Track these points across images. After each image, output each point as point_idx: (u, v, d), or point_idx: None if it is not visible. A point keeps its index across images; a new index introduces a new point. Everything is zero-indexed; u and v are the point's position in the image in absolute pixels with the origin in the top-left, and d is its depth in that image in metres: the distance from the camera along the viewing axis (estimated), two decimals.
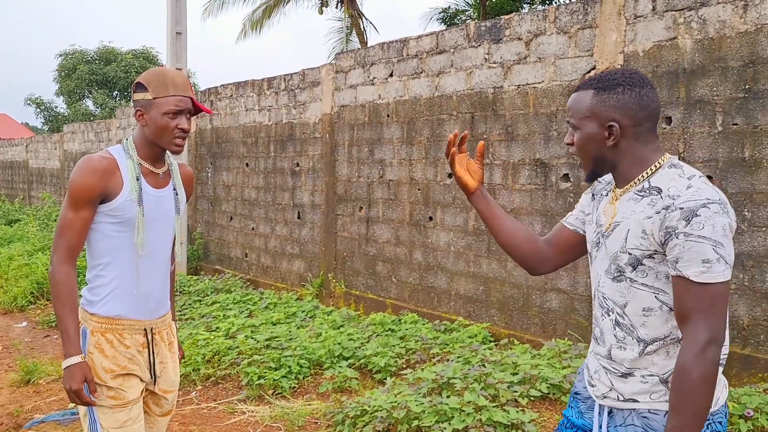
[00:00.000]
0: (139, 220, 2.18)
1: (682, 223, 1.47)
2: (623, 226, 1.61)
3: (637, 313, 1.60)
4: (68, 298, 2.11)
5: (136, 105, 2.20)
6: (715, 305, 1.48)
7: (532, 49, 5.14)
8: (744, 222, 4.04)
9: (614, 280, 1.64)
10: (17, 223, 13.47)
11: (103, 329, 2.20)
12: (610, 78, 1.62)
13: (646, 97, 1.60)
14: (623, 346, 1.63)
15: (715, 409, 1.58)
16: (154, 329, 2.30)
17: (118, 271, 2.20)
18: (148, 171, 2.24)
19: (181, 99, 2.18)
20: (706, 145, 4.19)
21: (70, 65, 27.08)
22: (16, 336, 6.51)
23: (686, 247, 1.47)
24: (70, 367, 2.09)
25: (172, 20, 8.95)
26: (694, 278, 1.47)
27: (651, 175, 1.61)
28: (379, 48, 6.53)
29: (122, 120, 12.45)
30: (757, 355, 3.98)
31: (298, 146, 7.73)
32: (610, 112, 1.60)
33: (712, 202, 1.48)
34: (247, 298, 7.23)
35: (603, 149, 1.63)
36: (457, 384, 3.88)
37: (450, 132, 5.77)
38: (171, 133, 2.17)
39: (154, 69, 2.24)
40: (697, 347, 1.46)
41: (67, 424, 4.17)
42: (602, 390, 1.69)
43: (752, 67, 3.97)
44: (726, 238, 1.47)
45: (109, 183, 2.13)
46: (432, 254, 6.01)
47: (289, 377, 4.72)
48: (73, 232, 2.13)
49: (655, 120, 1.63)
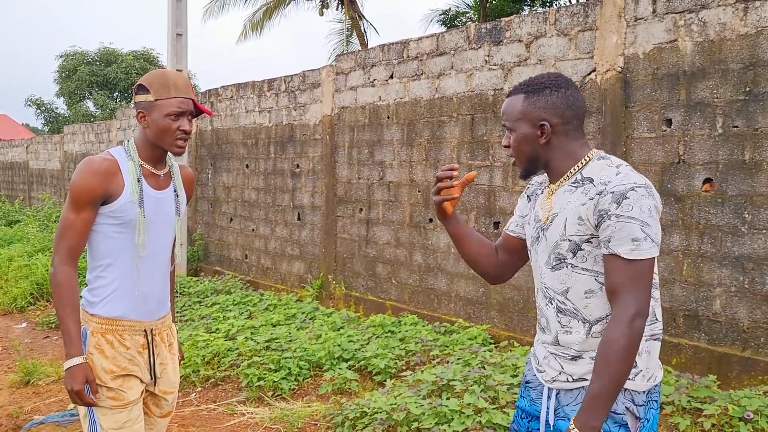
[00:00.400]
0: (139, 222, 2.18)
1: (614, 206, 1.60)
2: (561, 216, 1.72)
3: (579, 296, 1.71)
4: (70, 300, 2.12)
5: (137, 107, 2.21)
6: (643, 280, 1.60)
7: (532, 51, 5.15)
8: (744, 224, 4.04)
9: (553, 269, 1.75)
10: (17, 224, 13.47)
11: (103, 330, 2.21)
12: (538, 82, 1.76)
13: (571, 97, 1.73)
14: (569, 330, 1.74)
15: (653, 386, 1.70)
16: (155, 330, 2.31)
17: (119, 272, 2.21)
18: (149, 173, 2.24)
19: (183, 101, 2.18)
20: (706, 148, 4.19)
21: (70, 66, 27.10)
22: (16, 337, 6.51)
23: (617, 227, 1.60)
24: (71, 368, 2.10)
25: (173, 21, 8.96)
26: (625, 255, 1.59)
27: (582, 168, 1.73)
28: (380, 50, 6.53)
29: (123, 121, 12.45)
30: (757, 358, 3.98)
31: (299, 148, 7.73)
32: (540, 113, 1.73)
33: (639, 186, 1.61)
34: (247, 300, 7.23)
35: (536, 147, 1.75)
36: (457, 386, 3.88)
37: (450, 134, 5.78)
38: (173, 135, 2.18)
39: (155, 71, 2.25)
40: (626, 318, 1.58)
41: (67, 425, 4.16)
42: (552, 374, 1.78)
43: (752, 70, 3.97)
44: (652, 218, 1.61)
45: (110, 185, 2.14)
46: (432, 256, 6.01)
47: (288, 379, 4.71)
48: (75, 234, 2.13)
49: (581, 118, 1.76)
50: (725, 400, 3.63)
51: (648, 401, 1.68)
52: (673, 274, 4.36)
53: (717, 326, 4.17)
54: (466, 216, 5.68)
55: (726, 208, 4.11)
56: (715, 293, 4.17)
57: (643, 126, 4.49)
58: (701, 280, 4.23)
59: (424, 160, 6.05)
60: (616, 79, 4.59)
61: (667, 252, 4.38)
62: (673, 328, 4.37)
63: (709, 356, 4.18)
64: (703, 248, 4.22)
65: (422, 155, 6.07)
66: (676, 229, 4.34)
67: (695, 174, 4.25)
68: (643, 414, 1.67)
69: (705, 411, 3.57)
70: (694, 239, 4.26)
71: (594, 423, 1.59)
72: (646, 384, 1.68)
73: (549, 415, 1.76)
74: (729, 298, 4.11)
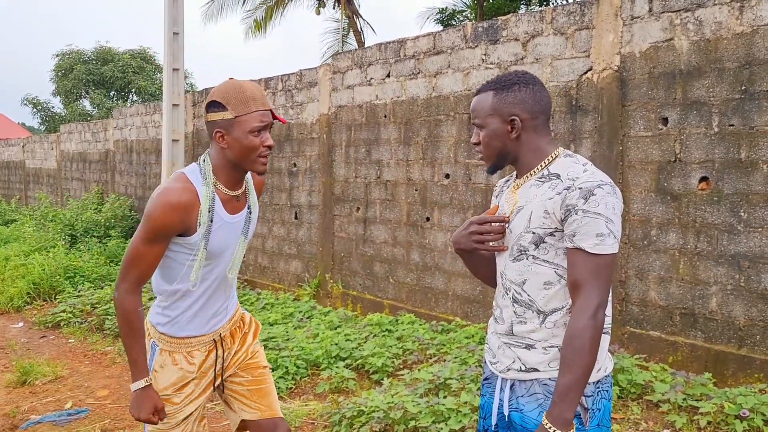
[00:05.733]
0: (199, 259, 2.08)
1: (581, 201, 1.64)
2: (526, 209, 1.76)
3: (537, 288, 1.74)
4: (137, 327, 2.07)
5: (214, 126, 2.03)
6: (604, 273, 1.65)
7: (529, 50, 5.15)
8: (740, 223, 4.05)
9: (514, 261, 1.79)
10: (14, 224, 13.45)
11: (172, 348, 2.19)
12: (507, 79, 1.80)
13: (539, 93, 1.78)
14: (523, 320, 1.77)
15: (604, 376, 1.76)
16: (223, 335, 2.28)
17: (190, 297, 2.16)
18: (227, 197, 2.11)
19: (264, 113, 2.03)
20: (702, 146, 4.20)
21: (67, 65, 27.03)
22: (13, 336, 6.50)
23: (583, 222, 1.64)
24: (139, 392, 2.08)
25: (170, 20, 8.94)
26: (589, 249, 1.64)
27: (549, 164, 1.77)
28: (377, 48, 6.53)
29: (119, 120, 12.43)
30: (753, 356, 3.99)
31: (296, 147, 7.73)
32: (510, 108, 1.77)
33: (605, 183, 1.66)
34: (245, 299, 7.23)
35: (507, 142, 1.79)
36: (454, 384, 3.88)
37: (447, 133, 5.78)
38: (257, 152, 2.03)
39: (227, 83, 2.06)
40: (591, 311, 1.63)
41: (64, 425, 4.16)
42: (506, 363, 1.81)
43: (748, 69, 3.98)
44: (615, 215, 1.65)
45: (189, 219, 2.03)
46: (429, 255, 6.02)
47: (286, 378, 4.72)
48: (145, 265, 2.04)
49: (547, 114, 1.80)
50: (721, 397, 3.64)
51: (597, 392, 1.73)
52: (670, 273, 4.37)
53: (713, 324, 4.19)
54: (463, 214, 5.68)
55: (722, 207, 4.12)
56: (712, 291, 4.18)
57: (639, 125, 4.50)
58: (697, 279, 4.24)
59: (421, 159, 6.06)
60: (613, 78, 4.60)
61: (664, 250, 4.39)
62: (670, 326, 4.38)
63: (706, 354, 4.19)
64: (700, 246, 4.23)
65: (419, 154, 6.07)
66: (673, 228, 4.35)
67: (691, 172, 4.26)
68: (591, 404, 1.71)
69: (701, 409, 3.58)
70: (691, 238, 4.27)
71: (567, 415, 1.61)
72: (595, 375, 1.72)
73: (503, 407, 1.79)
74: (725, 296, 4.13)
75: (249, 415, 2.33)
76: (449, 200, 5.81)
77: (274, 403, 2.37)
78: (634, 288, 4.54)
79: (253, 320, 2.45)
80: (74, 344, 6.16)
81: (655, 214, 4.43)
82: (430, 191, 5.98)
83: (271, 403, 2.36)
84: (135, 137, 11.72)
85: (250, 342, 2.38)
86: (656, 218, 4.43)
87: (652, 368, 4.13)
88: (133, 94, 27.50)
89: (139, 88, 26.56)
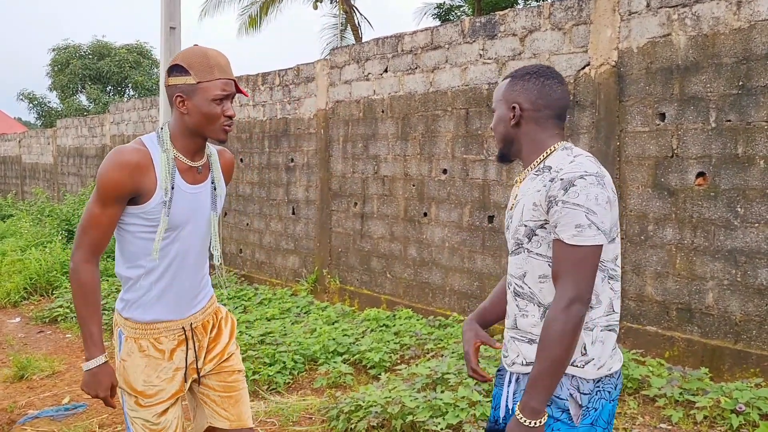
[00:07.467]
0: (161, 226, 2.00)
1: (561, 192, 1.63)
2: (521, 202, 1.78)
3: (535, 281, 1.74)
4: (93, 298, 1.99)
5: (175, 90, 1.97)
6: (583, 266, 1.62)
7: (526, 45, 5.15)
8: (737, 218, 4.06)
9: (513, 254, 1.80)
10: (10, 219, 13.41)
11: (137, 335, 2.09)
12: (525, 70, 1.82)
13: (548, 87, 1.78)
14: (525, 313, 1.78)
15: (606, 375, 1.70)
16: (193, 324, 2.17)
17: (153, 274, 2.06)
18: (185, 166, 2.04)
19: (227, 82, 1.97)
20: (699, 142, 4.20)
21: (63, 60, 26.94)
22: (10, 332, 6.49)
23: (563, 213, 1.63)
24: (94, 369, 1.99)
25: (166, 15, 8.90)
26: (567, 240, 1.62)
27: (546, 158, 1.77)
28: (374, 43, 6.52)
29: (116, 115, 12.39)
30: (749, 350, 4.01)
31: (293, 142, 7.72)
32: (515, 96, 1.80)
33: (589, 174, 1.64)
34: (242, 294, 7.23)
35: (508, 129, 1.82)
36: (452, 379, 3.89)
37: (444, 128, 5.78)
38: (218, 121, 1.97)
39: (192, 48, 2.00)
40: (563, 302, 1.60)
41: (61, 420, 4.16)
42: (512, 357, 1.82)
43: (746, 64, 3.98)
44: (599, 206, 1.62)
45: (140, 181, 1.95)
46: (426, 250, 6.02)
47: (283, 373, 4.72)
48: (99, 230, 1.97)
49: (555, 110, 1.79)
50: (717, 392, 3.66)
51: (597, 390, 1.69)
52: (666, 268, 4.38)
53: (710, 319, 4.20)
54: (460, 210, 5.68)
55: (719, 202, 4.13)
56: (708, 286, 4.20)
57: (636, 120, 4.50)
58: (694, 274, 4.25)
59: (418, 154, 6.05)
60: (610, 73, 4.60)
61: (660, 245, 4.40)
62: (666, 321, 4.40)
63: (702, 349, 4.21)
64: (696, 242, 4.24)
65: (417, 149, 6.07)
66: (669, 223, 4.36)
67: (688, 168, 4.26)
68: (587, 402, 1.67)
69: (697, 403, 3.60)
70: (687, 233, 4.28)
71: (533, 404, 1.62)
72: (596, 372, 1.68)
73: (509, 399, 1.79)
74: (722, 291, 4.14)
75: (219, 423, 2.26)
76: (447, 195, 5.81)
77: (245, 412, 2.30)
78: (630, 283, 4.55)
79: (229, 315, 2.35)
80: (71, 339, 6.15)
81: (652, 209, 4.44)
82: (428, 186, 5.98)
83: (241, 414, 2.28)
84: (132, 132, 11.69)
85: (226, 341, 2.27)
86: (653, 213, 4.43)
87: (648, 363, 4.14)
88: (129, 88, 27.44)
89: (136, 83, 26.50)
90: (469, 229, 5.63)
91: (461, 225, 5.69)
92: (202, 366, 2.21)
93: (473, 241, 5.60)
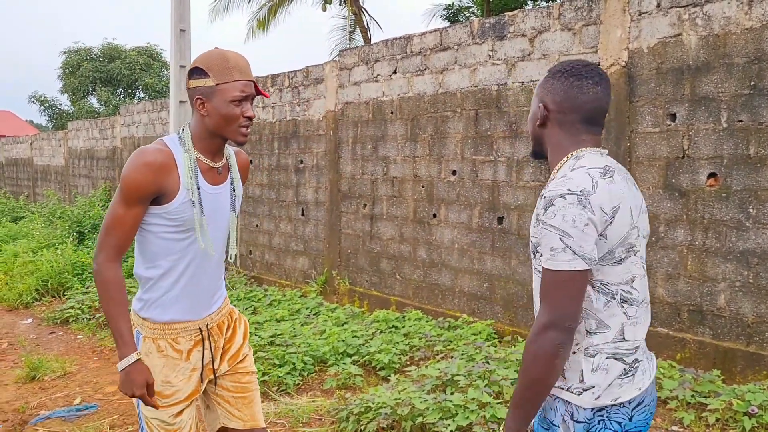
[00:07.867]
0: (199, 225, 2.03)
1: (542, 211, 1.55)
2: None
3: (538, 298, 1.67)
4: (120, 297, 1.99)
5: (195, 93, 2.00)
6: (560, 291, 1.52)
7: (536, 46, 5.13)
8: (749, 219, 4.03)
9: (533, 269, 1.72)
10: (22, 220, 13.52)
11: (155, 335, 2.10)
12: (560, 66, 1.70)
13: (576, 88, 1.64)
14: None
15: (610, 404, 1.58)
16: (209, 324, 2.19)
17: (172, 274, 2.07)
18: (206, 167, 2.06)
19: (247, 84, 1.99)
20: (710, 142, 4.18)
21: (74, 63, 27.12)
22: (22, 333, 6.54)
23: (542, 234, 1.55)
24: (128, 368, 1.98)
25: (176, 17, 8.94)
26: (543, 263, 1.55)
27: (562, 166, 1.67)
28: (383, 45, 6.52)
29: (126, 117, 12.46)
30: (761, 353, 3.98)
31: (302, 143, 7.73)
32: (543, 94, 1.70)
33: (571, 193, 1.52)
34: (251, 295, 7.25)
35: (536, 127, 1.74)
36: (461, 381, 3.88)
37: (453, 129, 5.77)
38: (237, 122, 1.99)
39: (211, 51, 2.03)
40: (537, 327, 1.54)
41: (73, 420, 4.19)
42: None
43: (757, 64, 3.95)
44: (575, 229, 1.50)
45: (164, 181, 1.97)
46: (436, 251, 6.01)
47: (293, 374, 4.73)
48: (123, 231, 1.97)
49: (581, 114, 1.65)
50: (729, 394, 3.63)
51: (600, 420, 1.58)
52: (678, 269, 4.35)
53: (721, 321, 4.17)
54: (470, 211, 5.67)
55: (730, 203, 4.10)
56: (720, 288, 4.17)
57: (647, 121, 4.48)
58: (706, 275, 4.22)
59: (427, 156, 6.05)
60: (621, 74, 4.58)
61: (672, 247, 4.37)
62: (678, 323, 4.37)
63: (714, 351, 4.18)
64: (708, 243, 4.21)
65: (426, 151, 6.07)
66: (681, 224, 4.33)
67: (700, 169, 4.24)
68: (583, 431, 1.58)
69: (709, 405, 3.57)
70: (699, 234, 4.25)
71: (510, 423, 1.59)
72: (592, 402, 1.57)
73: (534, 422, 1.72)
74: (734, 292, 4.11)
75: (232, 424, 2.28)
76: (456, 197, 5.80)
77: (258, 413, 2.33)
78: None
79: (241, 317, 2.38)
80: (83, 340, 6.19)
81: (663, 210, 4.41)
82: (437, 188, 5.97)
83: (254, 414, 2.31)
84: (142, 134, 11.75)
85: (240, 342, 2.30)
86: (664, 215, 4.41)
87: (660, 365, 4.11)
88: (140, 91, 27.59)
89: (146, 85, 26.63)
90: (478, 230, 5.62)
91: (471, 226, 5.68)
92: (218, 366, 2.23)
93: (483, 242, 5.59)
